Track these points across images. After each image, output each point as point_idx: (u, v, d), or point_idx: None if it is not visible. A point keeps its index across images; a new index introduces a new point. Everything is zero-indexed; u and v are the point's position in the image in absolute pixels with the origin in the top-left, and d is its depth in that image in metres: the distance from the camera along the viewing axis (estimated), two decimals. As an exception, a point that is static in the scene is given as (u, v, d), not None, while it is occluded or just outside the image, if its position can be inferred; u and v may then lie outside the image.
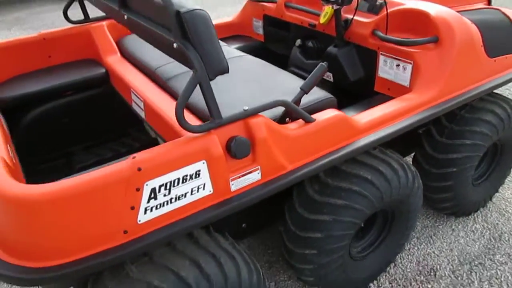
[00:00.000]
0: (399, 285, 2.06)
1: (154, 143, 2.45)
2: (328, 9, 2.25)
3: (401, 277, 2.10)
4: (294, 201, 1.74)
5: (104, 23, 2.42)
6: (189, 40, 1.19)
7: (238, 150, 1.29)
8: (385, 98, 1.96)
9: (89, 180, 1.13)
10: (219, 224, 1.50)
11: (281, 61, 2.54)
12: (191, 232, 1.44)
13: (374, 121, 1.64)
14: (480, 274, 2.09)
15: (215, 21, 2.83)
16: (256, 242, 2.31)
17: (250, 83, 1.74)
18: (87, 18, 2.41)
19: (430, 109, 1.79)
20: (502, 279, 2.06)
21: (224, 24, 2.96)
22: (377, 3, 2.08)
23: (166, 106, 1.73)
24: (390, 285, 2.06)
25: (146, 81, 1.98)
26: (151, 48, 2.22)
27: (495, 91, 2.16)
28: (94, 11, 2.32)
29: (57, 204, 1.11)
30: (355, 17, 2.15)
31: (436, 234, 2.33)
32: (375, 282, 2.07)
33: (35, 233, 1.12)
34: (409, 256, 2.20)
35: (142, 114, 1.90)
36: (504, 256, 2.18)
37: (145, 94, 1.86)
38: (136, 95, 1.93)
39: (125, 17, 1.58)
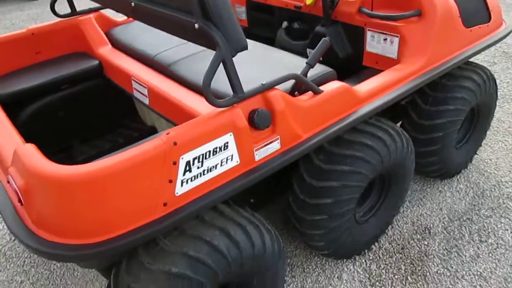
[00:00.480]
0: (398, 244, 2.22)
1: (151, 131, 2.49)
2: (313, -9, 2.35)
3: (399, 237, 2.26)
4: (302, 172, 1.84)
5: (92, 15, 2.42)
6: (211, 20, 1.26)
7: (261, 121, 1.38)
8: (374, 72, 2.09)
9: (129, 157, 1.18)
10: (231, 199, 1.58)
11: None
12: (215, 206, 1.52)
13: (373, 90, 1.77)
14: (469, 228, 2.28)
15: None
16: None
17: (254, 62, 1.82)
18: (74, 12, 2.40)
19: (420, 77, 1.93)
20: (489, 231, 2.25)
21: None
22: (361, -18, 2.20)
23: (172, 90, 1.79)
24: (390, 245, 2.21)
25: (146, 69, 2.03)
26: (145, 36, 2.25)
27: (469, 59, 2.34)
28: (80, 5, 2.32)
29: (101, 182, 1.16)
30: (339, -4, 2.26)
31: (425, 197, 2.51)
32: (376, 243, 2.22)
33: (82, 211, 1.17)
34: (404, 218, 2.37)
35: (146, 101, 1.95)
36: (488, 210, 2.38)
37: (148, 80, 1.90)
38: (138, 83, 1.96)
39: (132, 4, 1.62)
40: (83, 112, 2.38)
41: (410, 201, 2.48)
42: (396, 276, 2.05)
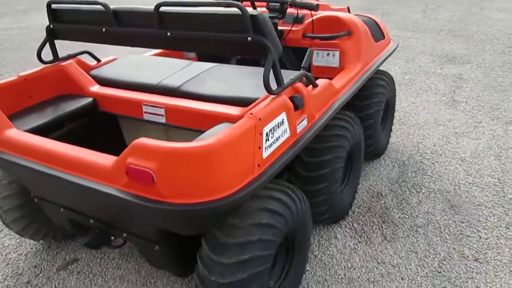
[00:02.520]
0: (365, 207, 2.86)
1: None
2: (262, 25, 2.98)
3: (363, 202, 2.91)
4: (301, 155, 2.37)
5: (72, 60, 2.65)
6: (262, 33, 1.76)
7: (299, 103, 1.90)
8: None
9: (234, 130, 1.58)
10: None
11: None
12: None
13: (342, 85, 2.43)
14: (406, 185, 3.06)
15: (148, 53, 3.24)
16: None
17: (253, 75, 2.33)
18: (56, 58, 2.61)
19: (363, 75, 2.67)
20: (420, 184, 3.06)
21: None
22: (299, 15, 2.92)
23: (193, 104, 2.18)
24: (359, 209, 2.85)
25: (152, 95, 2.36)
26: (132, 71, 2.57)
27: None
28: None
29: (224, 149, 1.52)
30: (284, 27, 2.93)
31: (367, 173, 3.24)
32: (350, 210, 2.83)
33: (210, 174, 1.50)
34: (361, 190, 3.04)
35: (162, 120, 2.28)
36: (413, 172, 3.21)
37: (163, 101, 2.25)
38: (151, 106, 2.29)
39: (168, 34, 2.01)
40: (82, 144, 2.54)
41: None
42: (374, 226, 2.67)
